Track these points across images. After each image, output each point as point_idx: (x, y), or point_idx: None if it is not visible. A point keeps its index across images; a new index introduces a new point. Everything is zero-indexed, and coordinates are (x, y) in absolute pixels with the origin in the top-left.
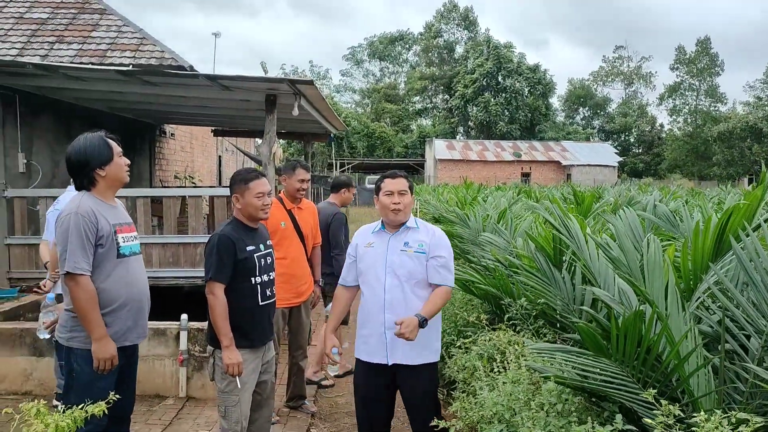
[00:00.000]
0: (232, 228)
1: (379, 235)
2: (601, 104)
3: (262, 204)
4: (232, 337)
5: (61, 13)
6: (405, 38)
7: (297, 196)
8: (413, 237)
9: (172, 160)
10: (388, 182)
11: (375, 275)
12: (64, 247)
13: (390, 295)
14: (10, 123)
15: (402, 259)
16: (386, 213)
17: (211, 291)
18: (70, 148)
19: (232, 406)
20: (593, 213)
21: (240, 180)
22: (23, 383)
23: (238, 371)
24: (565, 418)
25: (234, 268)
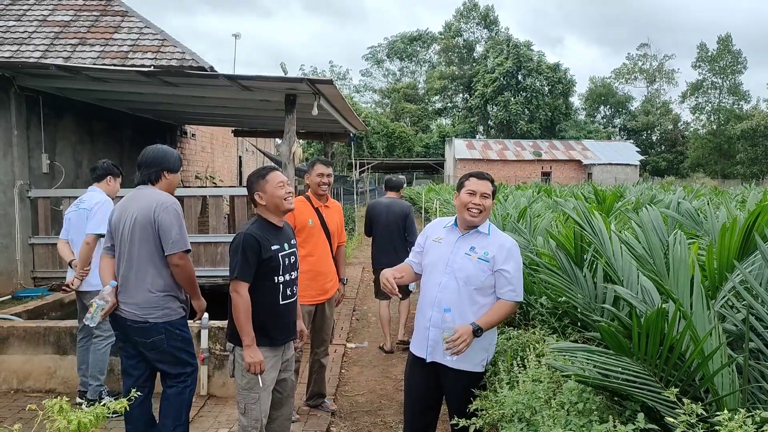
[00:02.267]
0: (257, 227)
1: (449, 232)
2: (623, 102)
3: (285, 193)
4: (254, 337)
5: (84, 15)
6: (424, 38)
7: (320, 192)
8: (481, 243)
9: (192, 160)
10: (473, 181)
11: (435, 271)
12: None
13: (441, 294)
14: (33, 124)
15: (464, 263)
16: (463, 211)
17: (236, 289)
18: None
19: (251, 403)
20: (615, 212)
21: (257, 177)
22: (47, 381)
23: (260, 370)
24: (586, 417)
25: (258, 266)
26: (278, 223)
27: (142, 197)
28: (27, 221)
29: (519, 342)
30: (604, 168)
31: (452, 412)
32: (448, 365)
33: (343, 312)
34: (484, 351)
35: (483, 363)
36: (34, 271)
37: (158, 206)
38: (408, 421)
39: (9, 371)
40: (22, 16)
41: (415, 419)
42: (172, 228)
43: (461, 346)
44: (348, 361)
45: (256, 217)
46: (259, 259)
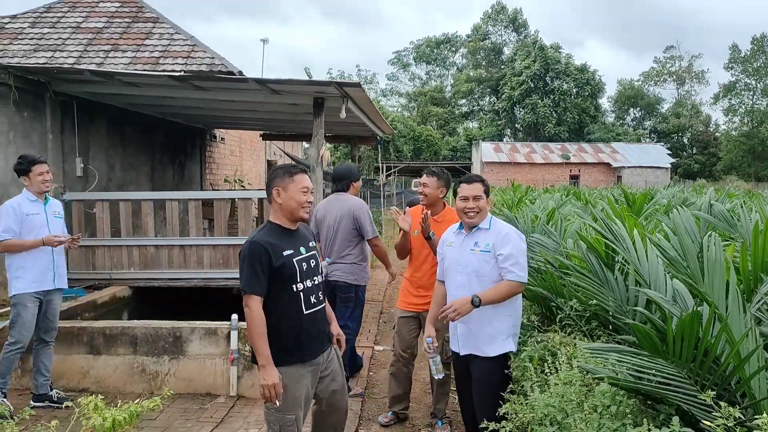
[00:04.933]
0: (265, 233)
1: (457, 235)
2: (653, 104)
3: (306, 201)
4: (269, 356)
5: (116, 22)
6: (452, 41)
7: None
8: (482, 237)
9: (222, 164)
10: (464, 187)
11: (452, 272)
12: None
13: (459, 291)
14: (68, 129)
15: (470, 258)
16: (462, 216)
17: (246, 304)
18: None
19: (288, 425)
20: (644, 213)
21: (284, 173)
22: (80, 380)
23: (275, 394)
24: (620, 420)
25: (272, 276)
26: (290, 226)
27: (341, 201)
28: None
29: (548, 345)
30: (633, 171)
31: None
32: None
33: (371, 315)
34: (504, 336)
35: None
36: (68, 272)
37: (356, 208)
38: (465, 413)
39: None
40: (57, 23)
41: (472, 410)
42: (366, 222)
43: (451, 314)
44: (376, 364)
45: (266, 222)
46: (270, 268)
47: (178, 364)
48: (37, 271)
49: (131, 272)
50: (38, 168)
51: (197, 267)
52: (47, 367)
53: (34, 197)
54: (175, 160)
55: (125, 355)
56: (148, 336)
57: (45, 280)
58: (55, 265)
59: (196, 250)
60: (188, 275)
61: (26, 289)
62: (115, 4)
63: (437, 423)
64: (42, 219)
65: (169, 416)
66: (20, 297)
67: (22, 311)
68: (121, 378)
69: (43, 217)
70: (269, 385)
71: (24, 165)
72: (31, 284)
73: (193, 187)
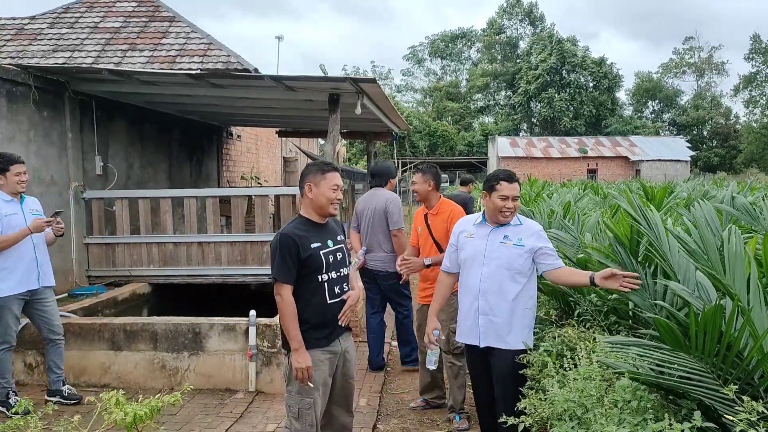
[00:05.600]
0: (294, 225)
1: (480, 228)
2: (672, 97)
3: (335, 198)
4: (301, 340)
5: (133, 21)
6: (467, 36)
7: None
8: (512, 231)
9: (238, 161)
10: (504, 185)
11: (473, 264)
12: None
13: (485, 284)
14: (87, 128)
15: (501, 251)
16: (495, 214)
17: (278, 292)
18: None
19: (306, 408)
20: (665, 207)
21: (316, 170)
22: (101, 376)
23: (307, 376)
24: (641, 415)
25: (300, 266)
26: (319, 220)
27: (378, 195)
28: (82, 222)
29: (566, 340)
30: (652, 164)
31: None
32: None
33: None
34: (526, 328)
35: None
36: (89, 269)
37: (388, 201)
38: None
39: (66, 366)
40: (75, 24)
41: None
42: (395, 214)
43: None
44: (393, 360)
45: (297, 215)
46: (298, 259)
47: (197, 359)
48: (21, 271)
49: (150, 269)
50: (16, 168)
51: (215, 264)
52: (58, 364)
53: (9, 197)
54: (192, 157)
55: (146, 351)
56: (168, 332)
57: (30, 281)
58: (38, 264)
59: (213, 246)
60: (206, 272)
61: (12, 290)
62: (132, 4)
63: (455, 417)
64: (20, 218)
65: (189, 411)
66: (5, 300)
67: (6, 314)
68: (142, 374)
69: (21, 217)
70: (302, 368)
71: (2, 163)
72: (17, 285)
73: (211, 185)
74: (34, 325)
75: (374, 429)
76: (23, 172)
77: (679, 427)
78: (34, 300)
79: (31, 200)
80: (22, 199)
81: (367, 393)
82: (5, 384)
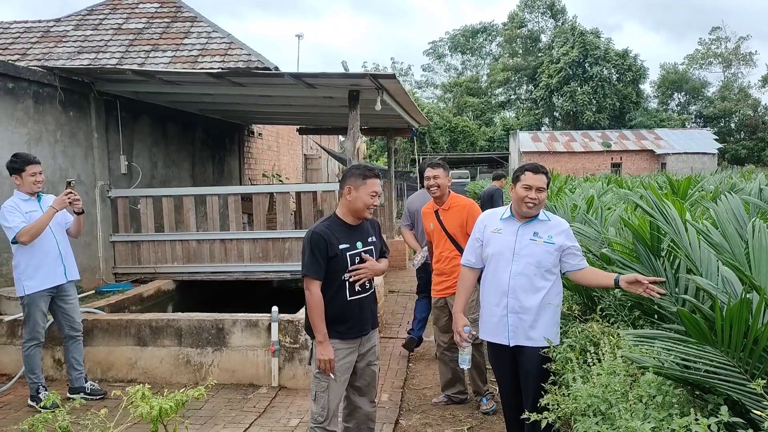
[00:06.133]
0: (326, 225)
1: (507, 223)
2: (698, 88)
3: (372, 203)
4: (326, 334)
5: (156, 22)
6: (488, 30)
7: (432, 195)
8: (542, 228)
9: (259, 159)
10: (528, 176)
11: (501, 261)
12: None
13: (514, 281)
14: (112, 127)
15: (531, 248)
16: (520, 205)
17: (307, 287)
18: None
19: (321, 391)
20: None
21: (358, 174)
22: (128, 371)
23: (329, 367)
24: (666, 410)
25: (326, 264)
26: (353, 222)
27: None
28: (107, 220)
29: (590, 335)
30: (678, 157)
31: (528, 391)
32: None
33: (409, 306)
34: (555, 325)
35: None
36: (115, 267)
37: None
38: (509, 405)
39: (93, 362)
40: (99, 25)
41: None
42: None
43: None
44: (415, 355)
45: (331, 215)
46: (327, 257)
47: (221, 355)
48: (47, 268)
49: (174, 266)
50: (32, 168)
51: (237, 260)
52: (78, 361)
53: (27, 197)
54: (214, 155)
55: (171, 347)
56: (192, 328)
57: (56, 276)
58: (63, 259)
59: (236, 244)
60: (229, 269)
61: (39, 287)
62: (155, 5)
63: (482, 400)
64: (40, 215)
65: (213, 406)
66: (33, 297)
67: (34, 311)
68: (168, 369)
69: (41, 214)
70: (325, 360)
71: (18, 164)
72: (43, 281)
73: (233, 183)
74: (55, 321)
75: (396, 424)
76: (39, 172)
77: (706, 422)
78: (58, 296)
79: (49, 197)
80: (39, 197)
81: (389, 388)
82: (35, 379)
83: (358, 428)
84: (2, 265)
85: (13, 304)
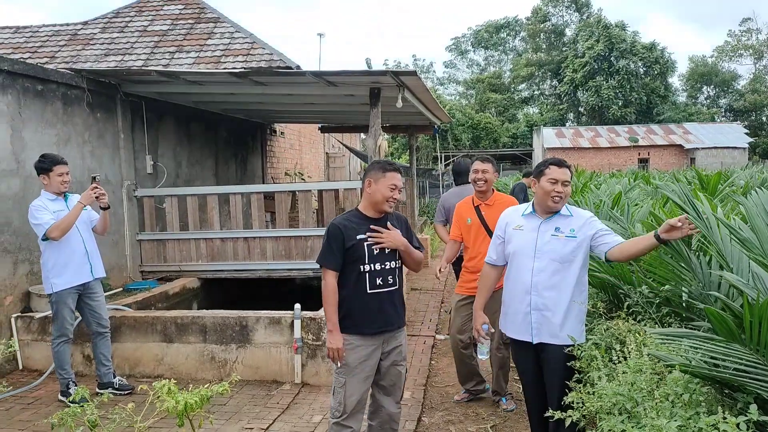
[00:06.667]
0: (345, 217)
1: (529, 219)
2: (728, 81)
3: (391, 196)
4: (336, 323)
5: (180, 24)
6: (512, 25)
7: (477, 189)
8: (564, 223)
9: (282, 157)
10: (554, 169)
11: (523, 258)
12: None
13: (537, 278)
14: (138, 128)
15: (553, 244)
16: (545, 199)
17: (323, 276)
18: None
19: (338, 386)
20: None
21: (378, 168)
22: (155, 367)
23: (338, 356)
24: (693, 408)
25: (344, 255)
26: (374, 215)
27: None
28: (134, 219)
29: (615, 333)
30: (708, 152)
31: (553, 389)
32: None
33: (431, 304)
34: (579, 323)
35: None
36: (142, 265)
37: None
38: (533, 404)
39: (122, 358)
40: (125, 28)
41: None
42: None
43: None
44: (437, 353)
45: (353, 208)
46: (344, 248)
47: (245, 352)
48: (74, 265)
49: (199, 264)
50: (59, 168)
51: (260, 258)
52: (107, 357)
53: (54, 196)
54: (237, 154)
55: (196, 344)
56: (217, 325)
57: (83, 273)
58: (90, 257)
59: (259, 242)
60: (252, 266)
61: (66, 285)
62: (179, 7)
63: (501, 400)
64: (66, 214)
65: (238, 402)
66: (60, 294)
67: (62, 309)
68: (193, 365)
69: (67, 213)
70: (333, 348)
71: (46, 164)
72: (71, 279)
73: (255, 181)
74: (83, 318)
75: (419, 422)
76: (66, 173)
77: (734, 420)
78: (85, 294)
79: (74, 197)
80: (65, 197)
81: (412, 386)
82: (65, 375)
83: (381, 428)
84: (33, 263)
85: (44, 301)
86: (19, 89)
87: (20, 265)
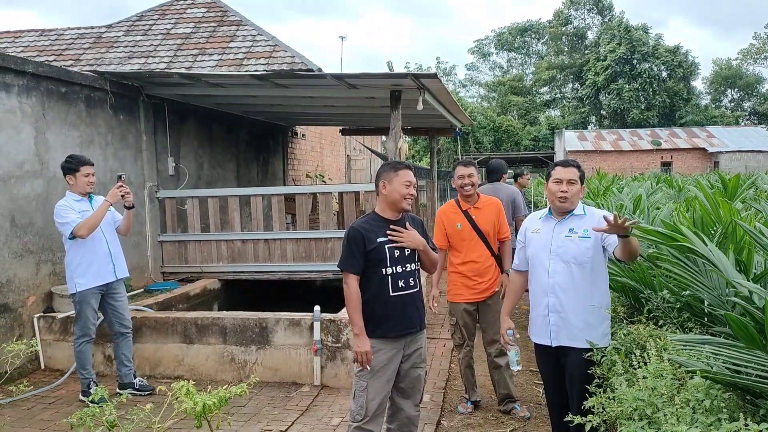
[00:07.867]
0: (364, 220)
1: (545, 222)
2: (753, 84)
3: (408, 193)
4: (362, 327)
5: (203, 27)
6: (535, 28)
7: (464, 194)
8: (578, 223)
9: (303, 159)
10: (558, 170)
11: (540, 260)
12: None
13: (553, 279)
14: (160, 130)
15: (567, 245)
16: (552, 200)
17: (345, 281)
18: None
19: (360, 389)
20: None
21: (390, 168)
22: (175, 368)
23: (366, 360)
24: (714, 415)
25: (366, 258)
26: (392, 217)
27: (501, 188)
28: (156, 220)
29: (635, 338)
30: (732, 156)
31: (573, 394)
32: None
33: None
34: (600, 325)
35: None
36: (163, 266)
37: (515, 192)
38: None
39: (142, 358)
40: (148, 31)
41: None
42: (521, 203)
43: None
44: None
45: (371, 212)
46: (365, 251)
47: (264, 353)
48: (97, 265)
49: (220, 266)
50: (86, 169)
51: (281, 260)
52: (128, 357)
53: (79, 197)
54: (258, 156)
55: (216, 345)
56: (237, 326)
57: (106, 273)
58: (113, 257)
59: (279, 243)
60: (272, 268)
61: (89, 284)
62: (202, 10)
63: (515, 407)
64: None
65: (257, 403)
66: (84, 294)
67: (85, 308)
68: (213, 366)
69: (92, 213)
70: (361, 352)
71: (73, 164)
72: (94, 279)
73: (276, 183)
74: (105, 318)
75: (438, 425)
76: (92, 173)
77: (756, 427)
78: (108, 294)
79: (99, 198)
80: (90, 198)
81: (431, 389)
82: (86, 375)
83: (400, 431)
84: (56, 264)
85: (66, 301)
86: (43, 91)
87: (43, 266)
